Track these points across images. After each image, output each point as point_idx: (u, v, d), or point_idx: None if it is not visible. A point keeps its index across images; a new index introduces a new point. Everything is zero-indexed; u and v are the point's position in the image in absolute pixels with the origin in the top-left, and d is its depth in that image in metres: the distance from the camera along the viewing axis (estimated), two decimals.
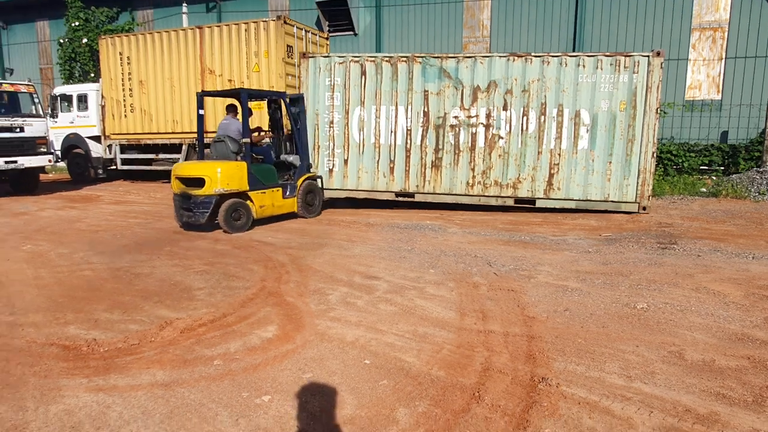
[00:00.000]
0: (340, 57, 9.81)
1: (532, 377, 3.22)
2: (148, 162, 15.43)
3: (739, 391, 3.03)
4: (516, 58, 9.12)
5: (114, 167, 15.92)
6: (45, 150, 12.50)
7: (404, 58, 9.52)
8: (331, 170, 9.98)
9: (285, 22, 13.37)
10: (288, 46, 13.48)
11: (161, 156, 15.13)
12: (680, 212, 9.40)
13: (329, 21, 17.53)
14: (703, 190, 11.90)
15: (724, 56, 13.94)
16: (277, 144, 9.42)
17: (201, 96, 8.53)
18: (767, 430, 2.63)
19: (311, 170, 9.23)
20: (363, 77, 9.68)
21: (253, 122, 10.41)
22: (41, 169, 13.18)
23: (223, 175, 7.66)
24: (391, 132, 9.61)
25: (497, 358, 3.49)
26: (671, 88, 14.35)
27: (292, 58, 13.50)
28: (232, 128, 8.56)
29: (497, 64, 9.19)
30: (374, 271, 5.63)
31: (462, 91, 9.33)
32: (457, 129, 9.40)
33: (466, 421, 2.75)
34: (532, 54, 9.16)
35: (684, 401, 2.92)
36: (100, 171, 16.00)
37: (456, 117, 9.38)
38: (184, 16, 19.02)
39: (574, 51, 15.07)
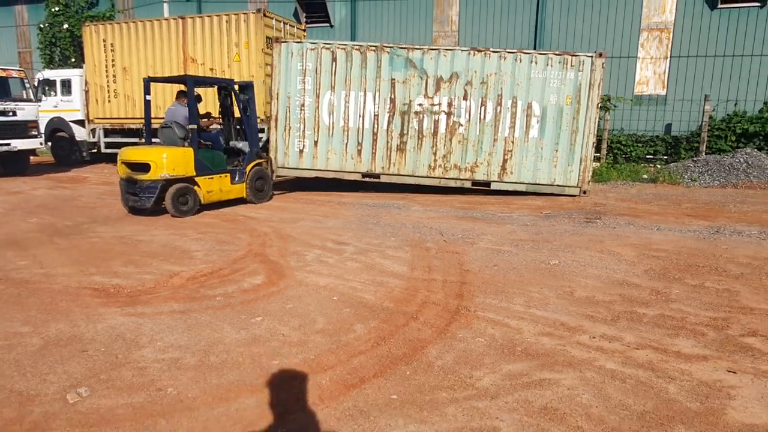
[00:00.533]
0: (312, 43, 10.49)
1: (457, 307, 4.32)
2: (132, 145, 16.10)
3: (603, 314, 4.19)
4: (476, 52, 10.08)
5: (96, 150, 16.59)
6: (36, 133, 13.16)
7: (373, 47, 10.32)
8: (301, 151, 10.66)
9: (265, 15, 14.19)
10: (267, 37, 14.31)
11: (144, 140, 15.83)
12: (617, 195, 10.66)
13: (306, 13, 18.35)
14: (645, 176, 13.23)
15: (669, 55, 15.26)
16: (226, 130, 9.68)
17: (148, 81, 8.77)
18: (610, 334, 3.78)
19: (261, 156, 9.57)
20: (334, 63, 10.36)
21: (205, 109, 10.90)
22: (32, 152, 13.83)
23: (169, 161, 7.90)
24: (360, 116, 10.42)
25: (434, 296, 4.59)
26: (621, 83, 15.65)
27: (271, 49, 14.33)
28: (179, 114, 8.88)
29: (459, 57, 10.10)
30: (344, 239, 6.69)
31: (426, 80, 10.17)
32: (421, 116, 10.29)
33: (404, 331, 3.85)
34: (491, 49, 10.10)
35: (562, 319, 4.06)
36: (84, 154, 16.64)
37: (420, 104, 10.25)
38: (165, 5, 19.60)
39: (535, 47, 16.25)
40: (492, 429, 2.65)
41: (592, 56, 9.84)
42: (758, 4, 14.19)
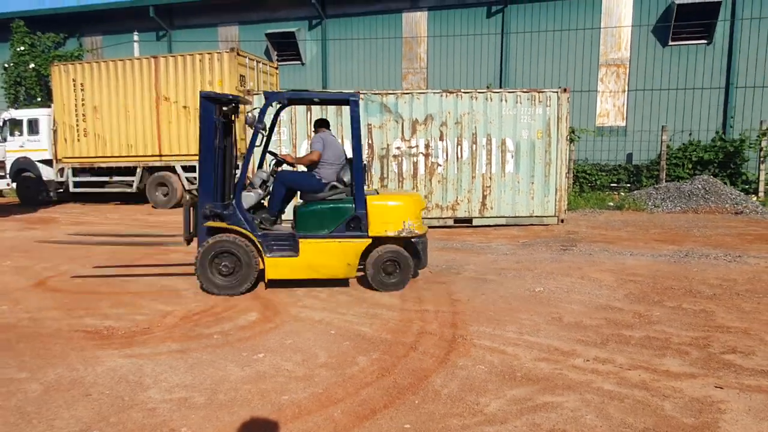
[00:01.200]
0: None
1: (453, 336, 4.45)
2: (102, 185, 15.89)
3: (593, 337, 4.37)
4: (448, 94, 10.45)
5: (63, 190, 16.28)
6: (2, 174, 12.87)
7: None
8: None
9: (238, 54, 14.43)
10: (241, 75, 14.53)
11: (115, 179, 15.67)
12: (587, 222, 11.06)
13: (278, 51, 18.70)
14: (611, 204, 13.76)
15: (627, 88, 16.09)
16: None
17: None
18: (602, 357, 3.96)
19: None
20: (308, 112, 10.50)
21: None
22: None
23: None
24: None
25: (429, 326, 4.70)
26: (584, 115, 16.37)
27: (244, 87, 14.52)
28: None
29: (432, 99, 10.45)
30: None
31: (402, 123, 10.49)
32: (400, 158, 10.56)
33: (406, 361, 3.94)
34: (462, 90, 10.50)
35: (555, 344, 4.23)
36: (51, 194, 16.30)
37: (398, 147, 10.54)
38: (135, 44, 19.65)
39: (500, 82, 16.90)
40: None
41: (557, 92, 10.41)
42: (705, 42, 15.18)
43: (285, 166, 6.47)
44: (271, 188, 6.23)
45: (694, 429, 2.95)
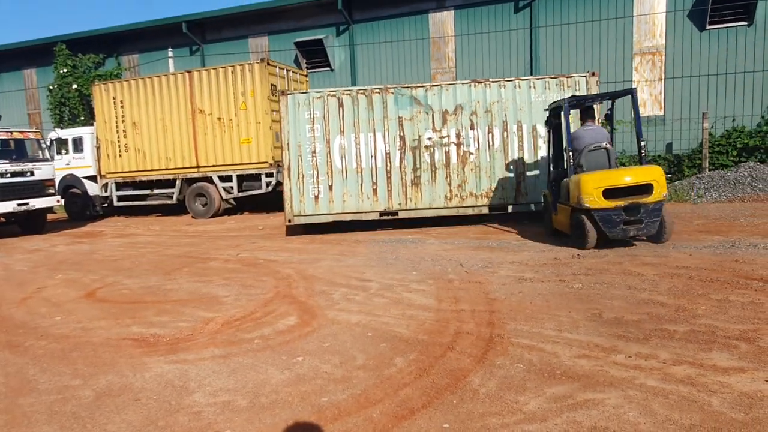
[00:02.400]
0: (317, 92, 10.81)
1: (491, 335, 4.42)
2: (144, 197, 16.42)
3: (635, 333, 4.28)
4: (476, 84, 10.52)
5: (108, 204, 16.91)
6: (53, 191, 13.52)
7: (378, 90, 10.68)
8: (317, 197, 10.80)
9: (268, 64, 14.71)
10: (272, 85, 14.80)
11: (156, 191, 16.16)
12: None
13: (307, 59, 18.92)
14: None
15: (663, 77, 15.63)
16: None
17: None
18: (645, 353, 3.87)
19: None
20: (341, 109, 10.69)
21: None
22: (49, 209, 14.14)
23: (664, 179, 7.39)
24: (372, 156, 10.69)
25: (466, 326, 4.69)
26: (620, 107, 15.92)
27: (275, 96, 14.77)
28: (601, 135, 8.06)
29: (461, 90, 10.53)
30: (366, 276, 6.82)
31: (432, 115, 10.57)
32: (432, 149, 10.62)
33: (443, 361, 3.94)
34: (490, 80, 10.53)
35: (595, 341, 4.16)
36: (98, 208, 16.95)
37: (429, 138, 10.61)
38: (170, 60, 20.23)
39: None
40: None
41: (585, 76, 10.45)
42: (745, 23, 14.62)
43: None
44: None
45: (744, 425, 2.86)
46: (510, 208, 10.57)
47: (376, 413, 3.21)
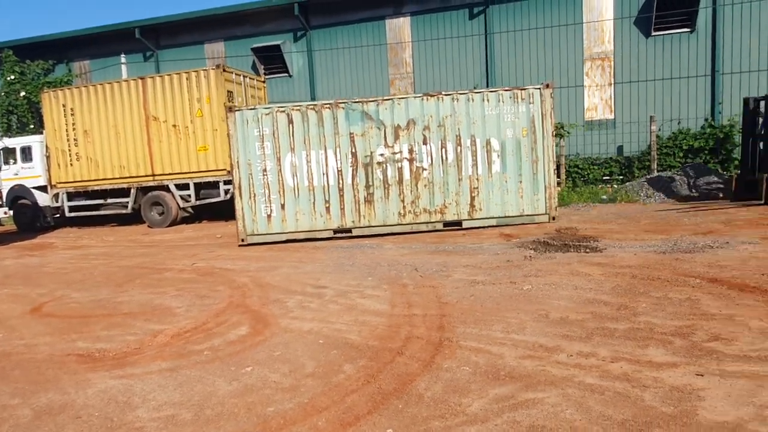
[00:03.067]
0: (266, 108, 10.54)
1: (440, 339, 4.49)
2: (97, 207, 15.97)
3: (578, 332, 4.42)
4: (429, 97, 10.33)
5: (59, 215, 16.37)
6: (0, 202, 12.95)
7: (328, 105, 10.35)
8: (269, 216, 10.55)
9: (224, 70, 14.53)
10: (228, 91, 14.62)
11: (110, 201, 15.75)
12: (580, 217, 11.11)
13: (264, 65, 18.81)
14: (604, 197, 13.81)
15: (613, 81, 16.17)
16: None
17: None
18: (586, 351, 4.01)
19: None
20: (291, 125, 10.34)
21: None
22: None
23: None
24: (323, 174, 10.43)
25: (417, 330, 4.75)
26: (573, 110, 16.45)
27: (232, 102, 14.63)
28: None
29: (413, 104, 10.32)
30: (322, 283, 6.82)
31: (384, 130, 10.34)
32: (384, 165, 10.41)
33: (392, 366, 3.99)
34: (443, 93, 10.38)
35: (540, 341, 4.27)
36: (48, 219, 16.38)
37: (382, 154, 10.38)
38: (123, 66, 19.78)
39: (487, 83, 16.99)
40: None
41: (539, 88, 10.35)
42: (688, 30, 15.27)
43: None
44: None
45: (673, 418, 2.99)
46: (464, 224, 10.48)
47: (321, 421, 3.22)
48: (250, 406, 3.49)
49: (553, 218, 10.41)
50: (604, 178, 15.85)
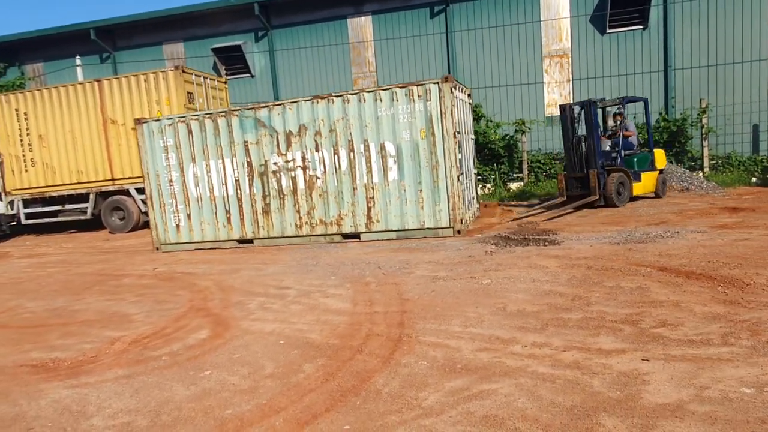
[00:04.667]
0: (168, 119, 10.46)
1: (400, 335, 4.54)
2: (55, 214, 15.53)
3: (533, 323, 4.53)
4: (319, 100, 9.62)
5: (15, 223, 15.87)
6: None
7: (223, 113, 10.13)
8: (178, 225, 10.62)
9: (183, 71, 14.32)
10: (188, 92, 14.42)
11: (68, 207, 15.34)
12: (537, 212, 11.33)
13: (226, 65, 18.58)
14: None
15: (571, 78, 16.52)
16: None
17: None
18: (540, 341, 4.12)
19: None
20: (190, 135, 10.28)
21: None
22: None
23: None
24: (223, 184, 10.27)
25: (377, 328, 4.79)
26: (533, 107, 16.76)
27: (192, 104, 14.43)
28: None
29: (304, 108, 9.69)
30: (285, 284, 6.80)
31: (277, 137, 9.86)
32: (279, 174, 9.95)
33: (351, 364, 4.02)
34: (333, 94, 9.62)
35: (497, 334, 4.37)
36: (4, 227, 15.85)
37: (275, 163, 9.94)
38: (78, 69, 19.26)
39: None
40: None
41: (438, 82, 9.06)
42: (641, 27, 15.72)
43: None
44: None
45: (618, 402, 3.11)
46: (362, 236, 9.73)
47: (279, 421, 3.23)
48: (208, 410, 3.47)
49: (458, 232, 9.19)
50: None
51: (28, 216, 15.60)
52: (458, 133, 9.40)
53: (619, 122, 11.84)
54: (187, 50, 19.12)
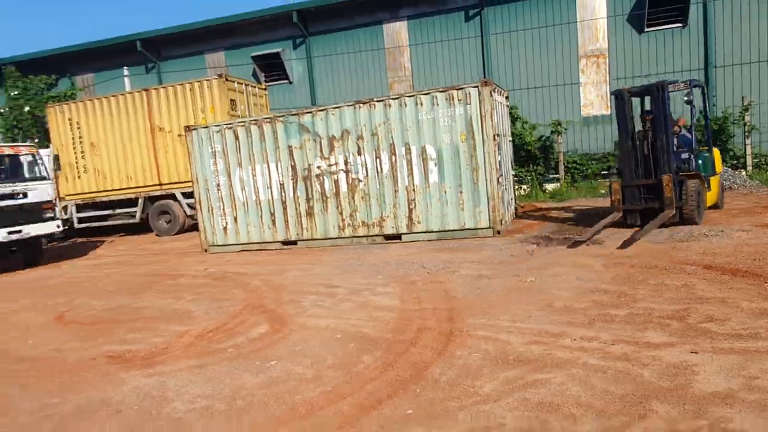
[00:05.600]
0: (216, 126, 10.90)
1: (450, 330, 4.76)
2: (105, 218, 16.25)
3: (581, 319, 4.68)
4: (361, 105, 9.82)
5: (68, 227, 16.64)
6: (52, 215, 12.12)
7: (268, 119, 10.47)
8: (225, 228, 11.01)
9: (227, 80, 14.83)
10: (231, 100, 14.92)
11: (118, 211, 16.03)
12: (574, 214, 11.36)
13: (265, 72, 19.09)
14: (603, 191, 14.06)
15: (608, 78, 16.44)
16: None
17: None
18: (589, 335, 4.27)
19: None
20: (237, 141, 10.65)
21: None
22: (49, 236, 13.10)
23: None
24: (268, 188, 10.60)
25: (428, 323, 5.02)
26: (569, 107, 16.71)
27: (235, 111, 14.93)
28: None
29: (346, 113, 9.91)
30: (333, 283, 7.09)
31: (320, 142, 10.12)
32: (322, 178, 10.22)
33: (407, 356, 4.25)
34: (375, 99, 9.82)
35: (546, 328, 4.54)
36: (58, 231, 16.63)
37: (319, 167, 10.20)
38: (126, 79, 20.08)
39: None
40: (499, 426, 3.06)
41: (477, 86, 9.17)
42: (680, 25, 15.54)
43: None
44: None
45: (669, 391, 3.25)
46: (403, 238, 9.85)
47: (345, 406, 3.49)
48: (278, 396, 3.75)
49: (498, 232, 9.25)
50: (603, 173, 16.09)
51: (81, 220, 16.34)
52: (498, 135, 9.56)
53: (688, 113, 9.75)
54: (228, 59, 19.72)
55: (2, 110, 20.81)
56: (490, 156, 9.26)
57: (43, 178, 12.10)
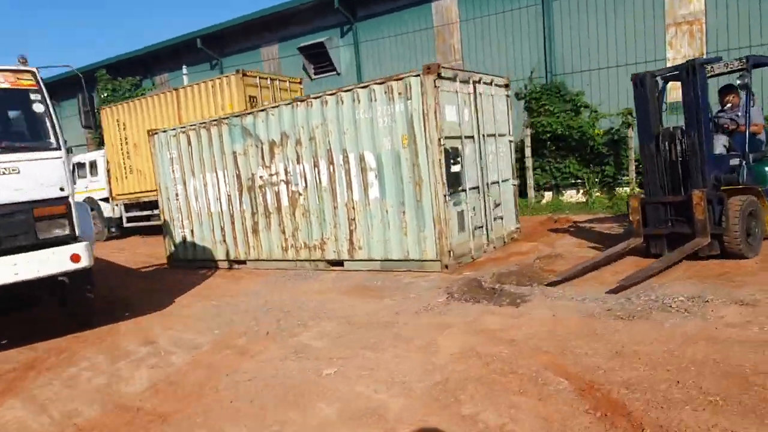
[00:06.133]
0: (173, 130, 9.97)
1: None
2: (148, 218, 16.55)
3: None
4: (299, 103, 8.20)
5: (120, 225, 17.33)
6: (64, 231, 5.77)
7: (215, 122, 9.32)
8: (184, 240, 10.15)
9: (244, 75, 14.02)
10: (250, 96, 14.08)
11: (156, 211, 16.19)
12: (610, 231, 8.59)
13: (313, 64, 18.07)
14: None
15: (705, 51, 12.66)
16: None
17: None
18: None
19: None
20: (189, 147, 9.63)
21: None
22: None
23: None
24: (217, 199, 9.44)
25: None
26: None
27: (255, 107, 14.09)
28: None
29: (285, 113, 8.35)
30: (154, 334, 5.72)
31: (262, 147, 8.67)
32: (264, 189, 8.79)
33: None
34: (311, 96, 8.18)
35: None
36: (113, 229, 17.43)
37: (261, 177, 8.78)
38: (185, 77, 20.44)
39: (546, 64, 14.43)
40: None
41: (419, 75, 7.04)
42: None
43: None
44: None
45: None
46: (346, 265, 8.09)
47: None
48: None
49: (446, 266, 7.17)
50: None
51: (129, 219, 16.87)
52: (444, 138, 7.18)
53: (741, 102, 6.86)
54: (281, 51, 19.03)
55: (96, 111, 22.48)
56: (434, 166, 7.11)
57: (49, 147, 5.84)
